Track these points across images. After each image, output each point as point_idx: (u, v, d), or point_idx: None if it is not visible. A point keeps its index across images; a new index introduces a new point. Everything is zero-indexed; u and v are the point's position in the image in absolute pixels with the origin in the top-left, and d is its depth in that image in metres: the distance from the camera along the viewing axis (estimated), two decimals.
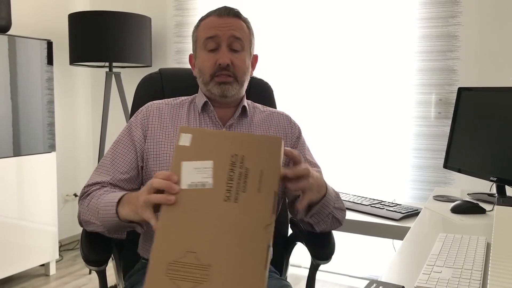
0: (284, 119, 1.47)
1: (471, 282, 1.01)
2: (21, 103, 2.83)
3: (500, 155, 1.80)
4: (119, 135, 1.38)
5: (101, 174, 1.32)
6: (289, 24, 3.11)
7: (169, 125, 1.36)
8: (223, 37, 1.31)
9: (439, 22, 2.69)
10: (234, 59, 1.32)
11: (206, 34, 1.33)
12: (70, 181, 3.71)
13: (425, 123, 2.78)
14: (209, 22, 1.34)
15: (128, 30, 3.05)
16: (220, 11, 1.34)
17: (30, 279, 3.06)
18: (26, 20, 3.30)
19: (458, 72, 2.67)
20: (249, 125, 1.41)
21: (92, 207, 1.23)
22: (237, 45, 1.33)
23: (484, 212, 1.70)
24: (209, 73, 1.33)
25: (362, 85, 2.94)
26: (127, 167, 1.32)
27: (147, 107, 1.39)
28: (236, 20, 1.35)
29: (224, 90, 1.32)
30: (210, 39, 1.32)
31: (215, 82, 1.32)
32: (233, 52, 1.33)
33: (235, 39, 1.32)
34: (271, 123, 1.44)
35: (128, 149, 1.34)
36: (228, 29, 1.32)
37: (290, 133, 1.45)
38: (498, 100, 1.85)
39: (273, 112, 1.47)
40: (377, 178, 2.93)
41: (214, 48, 1.32)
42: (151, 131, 1.35)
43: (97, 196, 1.24)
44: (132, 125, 1.37)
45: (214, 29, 1.32)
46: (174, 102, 1.42)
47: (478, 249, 1.22)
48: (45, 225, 3.02)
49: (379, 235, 1.96)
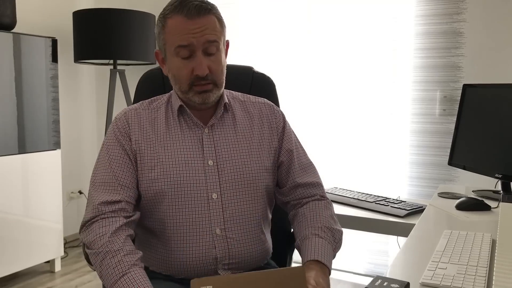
0: (267, 107, 1.41)
1: (476, 279, 1.01)
2: (25, 100, 2.84)
3: (505, 152, 1.79)
4: (107, 147, 1.27)
5: (109, 192, 1.21)
6: (290, 20, 3.11)
7: (149, 132, 1.28)
8: (197, 44, 1.20)
9: (444, 19, 2.68)
10: (211, 64, 1.23)
11: (178, 42, 1.21)
12: (74, 178, 3.72)
13: (429, 120, 2.77)
14: (178, 25, 1.21)
15: (133, 28, 3.06)
16: (190, 12, 1.20)
17: (35, 275, 3.08)
18: (31, 18, 3.30)
19: (463, 69, 2.66)
20: (232, 122, 1.35)
21: (106, 273, 1.12)
22: (212, 48, 1.23)
23: (489, 209, 1.70)
24: (186, 83, 1.24)
25: (367, 83, 2.93)
26: (130, 180, 1.24)
27: (125, 114, 1.30)
28: (208, 19, 1.22)
29: (205, 99, 1.25)
30: (183, 48, 1.21)
31: (194, 91, 1.25)
32: (209, 56, 1.23)
33: (210, 43, 1.22)
34: (254, 115, 1.38)
35: (124, 160, 1.25)
36: (202, 34, 1.20)
37: (274, 123, 1.39)
38: (503, 97, 1.84)
39: (254, 102, 1.41)
40: (382, 176, 2.93)
41: (188, 55, 1.22)
42: (134, 140, 1.27)
43: (120, 266, 1.11)
44: (117, 134, 1.27)
45: (187, 36, 1.20)
46: (150, 106, 1.33)
47: (483, 245, 1.21)
48: (50, 222, 3.03)
49: (383, 232, 1.96)
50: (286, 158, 1.37)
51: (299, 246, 1.26)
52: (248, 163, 1.31)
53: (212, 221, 1.25)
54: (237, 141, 1.32)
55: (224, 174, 1.28)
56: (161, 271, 1.29)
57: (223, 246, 1.25)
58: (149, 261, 1.31)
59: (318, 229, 1.26)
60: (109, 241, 1.14)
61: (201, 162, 1.27)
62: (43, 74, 2.94)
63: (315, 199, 1.36)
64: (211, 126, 1.32)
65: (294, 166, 1.37)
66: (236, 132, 1.34)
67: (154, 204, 1.26)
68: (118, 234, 1.16)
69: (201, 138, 1.30)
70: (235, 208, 1.28)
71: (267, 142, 1.36)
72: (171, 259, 1.27)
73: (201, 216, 1.25)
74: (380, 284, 0.85)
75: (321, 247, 1.21)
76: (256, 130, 1.36)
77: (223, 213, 1.26)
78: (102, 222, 1.17)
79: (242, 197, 1.29)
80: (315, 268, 1.15)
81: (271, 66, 3.12)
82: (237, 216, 1.28)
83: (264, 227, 1.37)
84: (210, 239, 1.25)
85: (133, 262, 1.12)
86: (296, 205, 1.37)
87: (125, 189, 1.23)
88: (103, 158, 1.26)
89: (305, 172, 1.39)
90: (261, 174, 1.32)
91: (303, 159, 1.41)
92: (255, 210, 1.32)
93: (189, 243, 1.25)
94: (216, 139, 1.30)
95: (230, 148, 1.31)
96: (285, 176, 1.38)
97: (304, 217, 1.31)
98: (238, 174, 1.29)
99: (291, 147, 1.39)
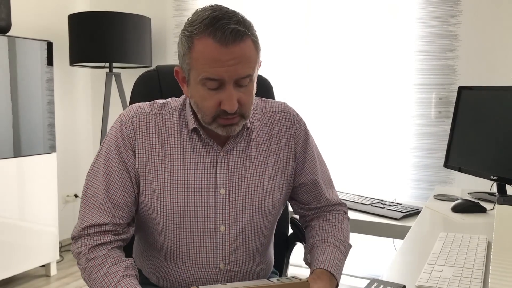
0: (286, 118, 1.27)
1: (472, 281, 1.01)
2: (21, 104, 2.83)
3: (501, 154, 1.79)
4: (106, 158, 1.15)
5: (97, 212, 1.13)
6: (289, 22, 3.11)
7: (158, 147, 1.16)
8: (229, 79, 1.04)
9: (439, 22, 2.69)
10: (242, 96, 1.08)
11: (206, 74, 1.04)
12: (70, 181, 3.71)
13: (425, 122, 2.78)
14: (208, 53, 1.03)
15: (128, 31, 3.05)
16: (225, 37, 1.01)
17: (30, 280, 3.06)
18: (26, 21, 3.30)
19: (458, 71, 2.67)
20: (247, 142, 1.22)
21: (99, 286, 1.07)
22: (245, 81, 1.07)
23: (484, 211, 1.70)
24: (211, 115, 1.09)
25: (363, 85, 2.94)
26: (125, 199, 1.15)
27: (132, 120, 1.16)
28: (243, 46, 1.04)
29: (230, 132, 1.12)
30: (211, 80, 1.05)
31: (218, 123, 1.10)
32: (240, 87, 1.08)
33: (243, 78, 1.06)
34: (273, 129, 1.25)
35: (123, 177, 1.14)
36: (235, 69, 1.03)
37: (293, 138, 1.26)
38: (498, 99, 1.85)
39: (274, 112, 1.27)
40: (378, 178, 2.93)
41: (216, 87, 1.06)
42: (138, 155, 1.15)
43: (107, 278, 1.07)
44: (119, 144, 1.15)
45: (217, 70, 1.03)
46: (162, 111, 1.19)
47: (479, 248, 1.22)
48: (46, 226, 3.02)
49: (380, 235, 1.96)
50: (309, 181, 1.29)
51: (314, 247, 1.22)
52: (260, 192, 1.21)
53: (216, 255, 1.19)
54: (252, 166, 1.21)
55: (234, 205, 1.18)
56: (158, 284, 1.26)
57: (225, 279, 1.21)
58: (148, 272, 1.28)
59: (340, 241, 1.24)
60: (92, 253, 1.09)
61: (212, 190, 1.16)
62: (38, 78, 2.93)
63: (341, 213, 1.34)
64: (228, 150, 1.19)
65: (321, 188, 1.31)
66: (251, 155, 1.22)
67: (156, 225, 1.18)
68: (100, 247, 1.11)
69: (216, 162, 1.17)
70: (242, 241, 1.21)
71: (282, 163, 1.25)
72: (170, 277, 1.23)
73: (205, 248, 1.18)
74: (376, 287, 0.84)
75: (337, 260, 1.18)
76: (273, 152, 1.24)
77: (229, 247, 1.19)
78: (86, 239, 1.12)
79: (250, 229, 1.21)
80: (324, 279, 1.12)
81: (269, 69, 3.12)
82: (243, 248, 1.21)
83: (269, 247, 1.33)
84: (213, 272, 1.19)
85: (121, 273, 1.06)
86: (319, 214, 1.35)
87: (117, 209, 1.14)
88: (100, 169, 1.15)
89: (330, 190, 1.35)
90: (273, 202, 1.23)
91: (327, 176, 1.35)
92: (263, 237, 1.26)
93: (190, 271, 1.20)
94: (230, 164, 1.19)
95: (243, 175, 1.20)
96: (311, 196, 1.32)
97: (329, 223, 1.28)
98: (249, 205, 1.20)
99: (314, 169, 1.29)
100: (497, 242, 1.07)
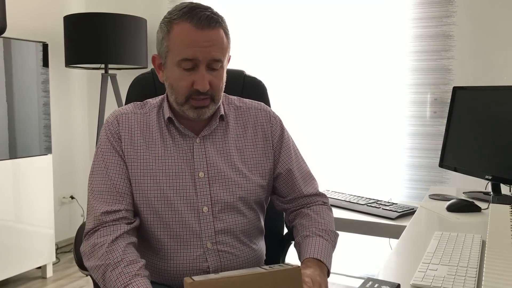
0: (263, 114, 1.36)
1: (466, 279, 1.01)
2: (17, 105, 2.83)
3: (495, 154, 1.80)
4: (102, 153, 1.24)
5: (109, 201, 1.19)
6: (283, 23, 3.12)
7: (139, 139, 1.25)
8: (203, 60, 1.16)
9: (434, 22, 2.70)
10: (213, 79, 1.19)
11: (183, 54, 1.16)
12: (66, 183, 3.70)
13: (420, 122, 2.79)
14: (185, 35, 1.15)
15: (124, 32, 3.05)
16: (200, 22, 1.14)
17: (27, 281, 3.05)
18: (22, 22, 3.29)
19: (453, 72, 2.68)
20: (224, 132, 1.30)
21: (109, 286, 1.09)
22: (216, 64, 1.19)
23: (479, 210, 1.71)
24: (184, 95, 1.19)
25: (357, 85, 2.95)
26: (128, 187, 1.22)
27: (116, 118, 1.27)
28: (216, 32, 1.17)
29: (200, 115, 1.21)
30: (187, 61, 1.16)
31: (190, 105, 1.20)
32: (212, 71, 1.19)
33: (215, 61, 1.18)
34: (248, 123, 1.33)
35: (121, 167, 1.23)
36: (209, 51, 1.15)
37: (270, 132, 1.34)
38: (493, 99, 1.86)
39: (250, 108, 1.36)
40: (374, 178, 2.94)
41: (190, 67, 1.17)
42: (124, 144, 1.24)
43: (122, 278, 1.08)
44: (109, 138, 1.24)
45: (193, 50, 1.14)
46: (141, 111, 1.29)
47: (474, 247, 1.22)
48: (42, 228, 3.01)
49: (375, 234, 1.97)
50: (284, 171, 1.34)
51: (300, 243, 1.25)
52: (239, 178, 1.27)
53: (203, 234, 1.23)
54: (229, 153, 1.28)
55: (215, 187, 1.25)
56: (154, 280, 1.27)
57: (215, 260, 1.24)
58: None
59: (322, 231, 1.26)
60: (107, 251, 1.12)
61: (191, 173, 1.24)
62: (34, 79, 2.93)
63: (319, 204, 1.37)
64: (203, 137, 1.28)
65: (296, 179, 1.35)
66: (228, 143, 1.29)
67: (143, 213, 1.24)
68: (118, 242, 1.13)
69: (192, 148, 1.26)
70: (226, 222, 1.26)
71: (260, 154, 1.32)
72: (161, 268, 1.25)
73: (191, 230, 1.23)
74: (371, 286, 0.85)
75: (323, 247, 1.21)
76: (249, 141, 1.32)
77: (214, 227, 1.24)
78: (104, 230, 1.16)
79: (233, 211, 1.27)
80: (313, 266, 1.14)
81: (263, 70, 3.12)
82: (228, 229, 1.26)
83: (256, 236, 1.36)
84: (201, 252, 1.23)
85: (135, 272, 1.09)
86: (298, 209, 1.37)
87: (124, 196, 1.21)
88: (99, 165, 1.23)
89: (307, 183, 1.38)
90: (252, 189, 1.29)
91: (304, 169, 1.39)
92: (246, 222, 1.30)
93: (180, 256, 1.23)
94: (207, 150, 1.27)
95: (221, 160, 1.27)
96: (287, 187, 1.36)
97: (308, 217, 1.31)
98: (230, 188, 1.26)
99: (289, 159, 1.35)
100: (491, 240, 1.08)
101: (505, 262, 0.93)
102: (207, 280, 0.88)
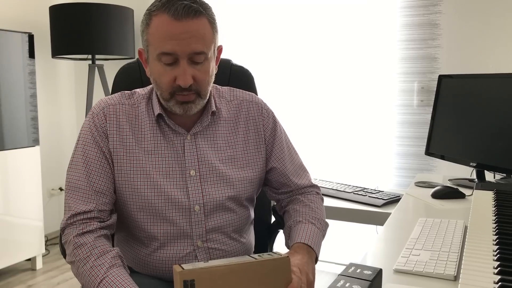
0: (254, 107, 1.32)
1: (447, 264, 1.03)
2: (3, 97, 2.80)
3: (480, 141, 1.83)
4: (83, 146, 1.19)
5: (82, 200, 1.15)
6: (270, 12, 3.11)
7: (128, 134, 1.20)
8: (182, 54, 1.09)
9: (420, 11, 2.71)
10: (197, 73, 1.13)
11: (160, 48, 1.10)
12: (55, 175, 3.69)
13: (408, 111, 2.81)
14: (162, 27, 1.09)
15: (110, 22, 3.03)
16: (177, 12, 1.07)
17: (16, 273, 3.05)
18: (7, 13, 3.25)
19: (439, 60, 2.70)
20: (215, 128, 1.27)
21: (85, 281, 1.08)
22: (199, 57, 1.12)
23: (463, 197, 1.73)
24: (167, 91, 1.14)
25: (345, 74, 2.96)
26: (106, 185, 1.18)
27: (103, 110, 1.21)
28: (197, 23, 1.09)
29: (186, 110, 1.16)
30: (166, 55, 1.10)
31: (176, 100, 1.15)
32: (195, 65, 1.12)
33: (196, 54, 1.11)
34: (240, 117, 1.30)
35: (102, 164, 1.18)
36: (187, 43, 1.09)
37: (262, 125, 1.32)
38: (478, 87, 1.88)
39: (242, 101, 1.32)
40: (361, 166, 2.96)
41: (171, 62, 1.11)
42: (111, 140, 1.19)
43: (96, 273, 1.07)
44: (93, 131, 1.19)
45: (170, 43, 1.08)
46: (129, 101, 1.24)
47: (456, 232, 1.24)
48: (31, 220, 3.00)
49: (362, 222, 1.99)
50: (277, 165, 1.33)
51: (291, 227, 1.26)
52: (231, 175, 1.25)
53: (194, 233, 1.22)
54: (221, 150, 1.26)
55: (207, 185, 1.22)
56: (140, 271, 1.27)
57: (205, 257, 1.24)
58: (129, 260, 1.29)
59: (315, 219, 1.27)
60: (75, 247, 1.10)
61: (182, 172, 1.21)
62: (20, 70, 2.90)
63: (313, 194, 1.37)
64: (194, 134, 1.23)
65: (289, 172, 1.35)
66: (220, 139, 1.27)
67: (132, 210, 1.21)
68: (86, 237, 1.11)
69: (183, 145, 1.22)
70: (218, 220, 1.25)
71: (252, 149, 1.30)
72: (149, 261, 1.25)
73: (182, 228, 1.21)
74: (353, 271, 0.86)
75: (314, 234, 1.22)
76: (241, 136, 1.29)
77: (205, 226, 1.23)
78: (73, 229, 1.13)
79: (224, 209, 1.25)
80: (302, 252, 1.15)
81: (250, 59, 3.12)
82: (219, 227, 1.25)
83: (246, 230, 1.36)
84: (191, 250, 1.23)
85: (108, 264, 1.07)
86: (292, 197, 1.38)
87: (100, 196, 1.16)
88: (79, 158, 1.19)
89: (300, 175, 1.38)
90: (245, 186, 1.27)
91: (296, 161, 1.39)
92: (237, 219, 1.29)
93: (170, 253, 1.23)
94: (199, 147, 1.23)
95: (213, 158, 1.24)
96: (280, 181, 1.35)
97: (302, 204, 1.31)
98: (221, 187, 1.24)
99: (282, 153, 1.34)
100: (472, 225, 1.10)
101: (485, 246, 0.95)
102: (196, 269, 0.89)
